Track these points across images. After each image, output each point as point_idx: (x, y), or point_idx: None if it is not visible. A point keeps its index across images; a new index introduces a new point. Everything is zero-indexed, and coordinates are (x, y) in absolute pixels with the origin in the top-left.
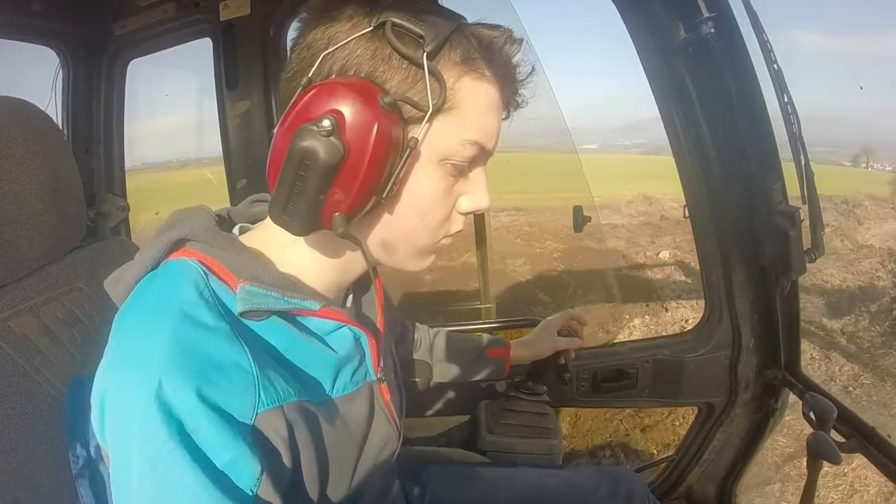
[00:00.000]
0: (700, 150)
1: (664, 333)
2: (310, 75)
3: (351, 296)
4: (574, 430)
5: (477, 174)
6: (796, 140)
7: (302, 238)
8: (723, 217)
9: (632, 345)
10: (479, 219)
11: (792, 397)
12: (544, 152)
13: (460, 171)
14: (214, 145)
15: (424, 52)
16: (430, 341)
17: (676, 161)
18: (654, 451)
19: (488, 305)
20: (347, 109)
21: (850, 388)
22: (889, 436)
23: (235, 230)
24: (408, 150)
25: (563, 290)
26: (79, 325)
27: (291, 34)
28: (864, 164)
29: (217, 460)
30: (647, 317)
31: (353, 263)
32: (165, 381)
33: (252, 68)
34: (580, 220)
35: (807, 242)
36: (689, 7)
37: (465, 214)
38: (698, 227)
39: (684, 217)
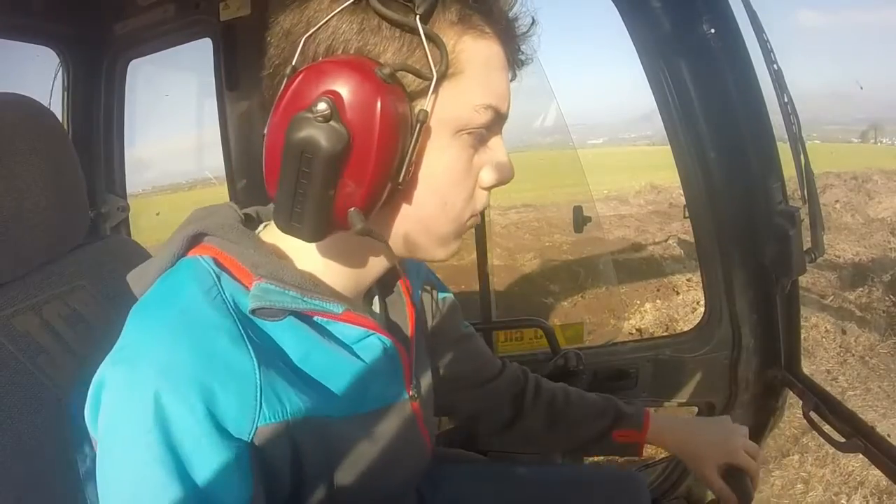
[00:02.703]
0: (700, 150)
1: (676, 315)
2: (294, 63)
3: (376, 300)
4: None
5: (496, 143)
6: (796, 140)
7: None
8: (723, 217)
9: (632, 345)
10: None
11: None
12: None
13: (479, 140)
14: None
15: (416, 14)
16: (532, 393)
17: (676, 161)
18: (654, 452)
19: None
20: (343, 88)
21: (868, 358)
22: (889, 435)
23: (261, 228)
24: (418, 126)
25: (573, 280)
26: (81, 324)
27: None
28: (872, 140)
29: (198, 477)
30: (658, 301)
31: (374, 261)
32: (158, 384)
33: (252, 68)
34: (580, 220)
35: (807, 243)
36: (688, 7)
37: (490, 188)
38: (698, 227)
39: (684, 217)
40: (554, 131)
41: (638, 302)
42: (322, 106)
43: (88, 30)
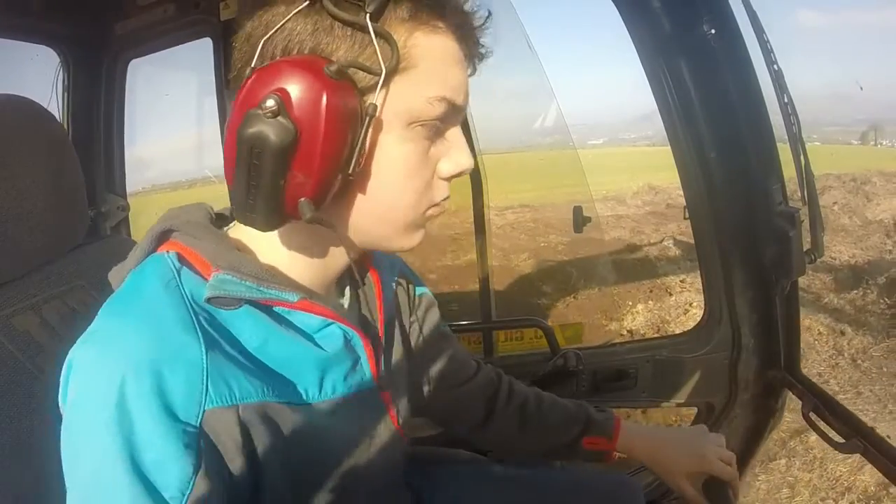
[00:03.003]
0: (700, 151)
1: (668, 317)
2: (252, 65)
3: (347, 293)
4: None
5: (453, 134)
6: (796, 140)
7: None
8: (723, 217)
9: (632, 345)
10: (479, 219)
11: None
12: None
13: (434, 132)
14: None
15: (367, 13)
16: (504, 396)
17: (676, 161)
18: None
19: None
20: (291, 85)
21: (859, 362)
22: (888, 436)
23: (231, 225)
24: (367, 119)
25: (566, 280)
26: (81, 323)
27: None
28: (872, 142)
29: (145, 456)
30: (650, 302)
31: (336, 253)
32: (118, 366)
33: None
34: (580, 220)
35: (807, 243)
36: (688, 7)
37: (449, 179)
38: (698, 228)
39: (685, 218)
40: (554, 131)
41: (630, 303)
42: (270, 102)
43: (88, 30)
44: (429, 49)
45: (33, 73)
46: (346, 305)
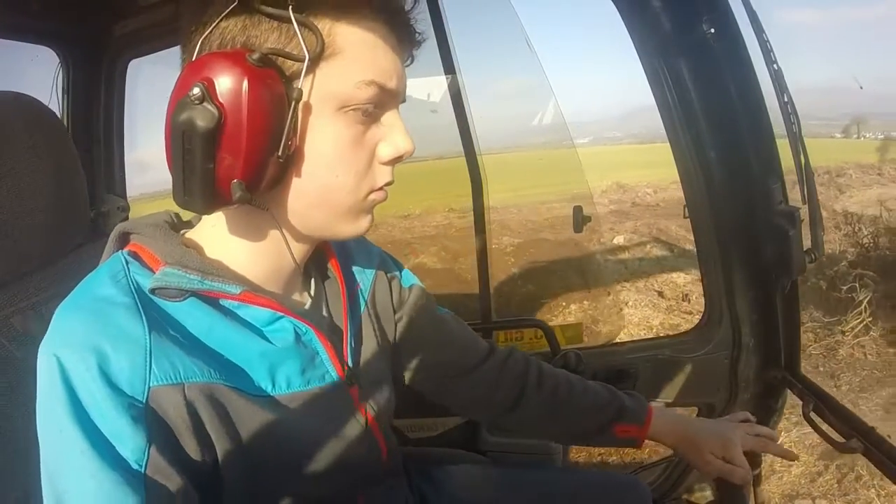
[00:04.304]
0: (700, 150)
1: (599, 317)
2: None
3: (312, 290)
4: None
5: (390, 118)
6: (796, 140)
7: (224, 222)
8: (723, 217)
9: (632, 345)
10: (479, 219)
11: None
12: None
13: (368, 116)
14: None
15: (290, 5)
16: (534, 380)
17: (676, 161)
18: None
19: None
20: (215, 74)
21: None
22: (889, 436)
23: (197, 226)
24: (293, 103)
25: (508, 282)
26: None
27: None
28: (855, 135)
29: (102, 428)
30: (585, 302)
31: (285, 245)
32: (63, 353)
33: None
34: (580, 220)
35: (807, 243)
36: (688, 7)
37: (390, 163)
38: (698, 227)
39: (684, 217)
40: (550, 131)
41: (564, 303)
42: (196, 90)
43: (88, 30)
44: (355, 35)
45: (33, 74)
46: (309, 300)
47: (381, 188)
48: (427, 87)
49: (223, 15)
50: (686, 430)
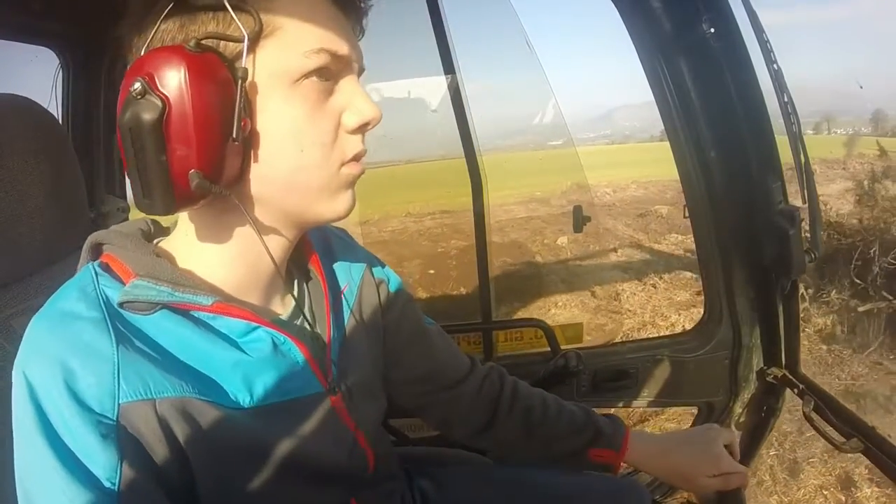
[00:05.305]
0: (700, 150)
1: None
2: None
3: (295, 293)
4: None
5: (349, 84)
6: (796, 140)
7: (196, 228)
8: (723, 217)
9: (632, 345)
10: (479, 219)
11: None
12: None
13: (324, 86)
14: None
15: None
16: (508, 401)
17: (676, 161)
18: None
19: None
20: (154, 67)
21: None
22: (889, 436)
23: (173, 234)
24: (240, 82)
25: (445, 286)
26: None
27: None
28: (825, 132)
29: (72, 447)
30: (516, 303)
31: (259, 248)
32: (31, 369)
33: None
34: (580, 220)
35: (806, 242)
36: (688, 7)
37: (356, 132)
38: (698, 227)
39: (684, 217)
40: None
41: (493, 305)
42: (136, 85)
43: (88, 30)
44: (294, 8)
45: (32, 75)
46: (292, 304)
47: (353, 160)
48: (427, 87)
49: (161, 17)
50: (672, 461)
